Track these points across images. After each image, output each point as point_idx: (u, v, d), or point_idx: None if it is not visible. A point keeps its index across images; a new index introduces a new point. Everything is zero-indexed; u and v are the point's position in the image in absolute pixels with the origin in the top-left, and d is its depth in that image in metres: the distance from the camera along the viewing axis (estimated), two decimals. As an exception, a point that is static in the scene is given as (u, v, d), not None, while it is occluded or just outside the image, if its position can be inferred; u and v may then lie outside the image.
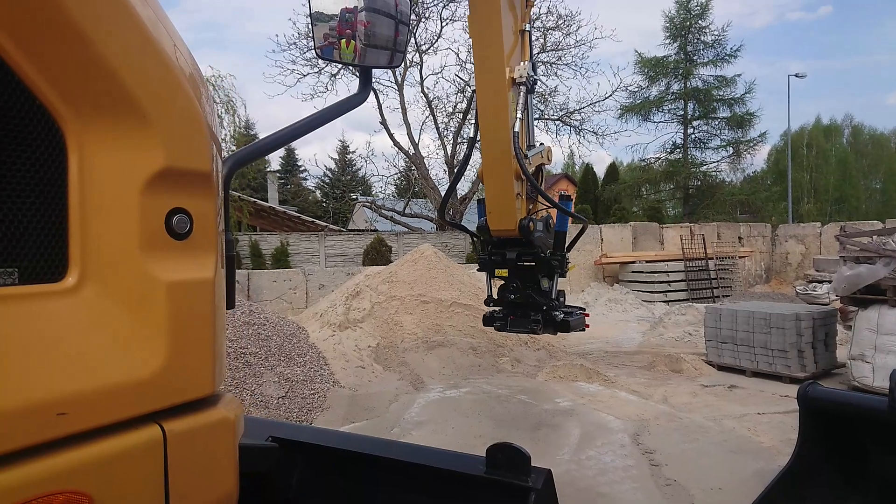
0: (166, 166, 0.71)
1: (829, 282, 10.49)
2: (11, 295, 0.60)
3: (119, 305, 0.68)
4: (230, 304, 0.98)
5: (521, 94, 4.31)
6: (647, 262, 15.99)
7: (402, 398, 6.24)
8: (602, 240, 17.02)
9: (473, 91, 4.51)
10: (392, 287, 9.51)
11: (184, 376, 0.75)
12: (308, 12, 1.38)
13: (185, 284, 0.74)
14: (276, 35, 25.63)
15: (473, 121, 4.52)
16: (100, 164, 0.67)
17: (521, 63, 4.32)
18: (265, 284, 13.30)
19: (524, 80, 4.31)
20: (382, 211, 21.56)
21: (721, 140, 27.23)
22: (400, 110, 20.18)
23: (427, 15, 19.22)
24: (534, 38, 4.70)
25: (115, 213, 0.68)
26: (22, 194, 0.62)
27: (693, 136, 27.46)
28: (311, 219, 23.71)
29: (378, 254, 16.60)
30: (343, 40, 1.41)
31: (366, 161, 42.65)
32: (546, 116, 21.03)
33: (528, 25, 4.41)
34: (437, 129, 20.80)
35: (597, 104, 21.03)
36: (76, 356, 0.64)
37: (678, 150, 27.68)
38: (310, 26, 1.36)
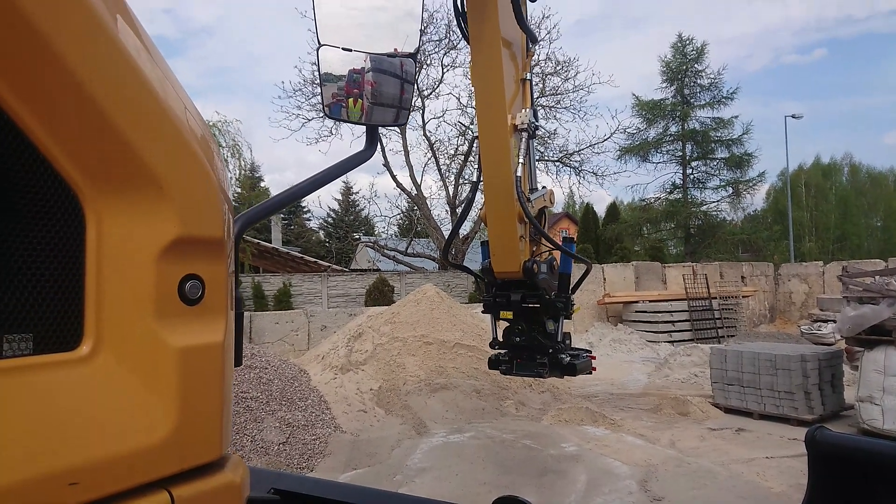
0: (180, 235, 0.73)
1: (834, 321, 10.41)
2: (27, 365, 0.62)
3: (131, 373, 0.69)
4: (237, 361, 0.99)
5: (523, 139, 4.40)
6: (650, 301, 15.93)
7: (404, 443, 6.14)
8: (605, 279, 17.01)
9: (475, 137, 4.59)
10: (394, 328, 9.48)
11: (193, 441, 0.75)
12: (317, 72, 1.44)
13: (195, 349, 0.75)
14: (283, 82, 26.26)
15: (476, 165, 4.60)
16: (116, 234, 0.69)
17: (523, 110, 4.41)
18: (267, 326, 13.25)
19: (525, 126, 4.39)
20: (385, 251, 21.64)
21: (720, 180, 27.50)
22: (403, 153, 20.51)
23: (429, 62, 19.72)
24: (534, 82, 4.82)
25: (129, 282, 0.69)
26: (41, 264, 0.64)
27: (692, 176, 27.74)
28: (314, 259, 23.79)
29: (381, 294, 16.59)
30: (350, 99, 1.46)
31: (369, 202, 43.13)
32: (546, 158, 21.32)
33: (528, 74, 4.52)
34: (440, 170, 21.08)
35: (596, 146, 21.37)
36: (88, 424, 0.64)
37: (678, 189, 27.92)
38: (319, 86, 1.42)
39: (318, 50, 1.38)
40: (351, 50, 1.39)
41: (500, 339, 4.64)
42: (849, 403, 7.28)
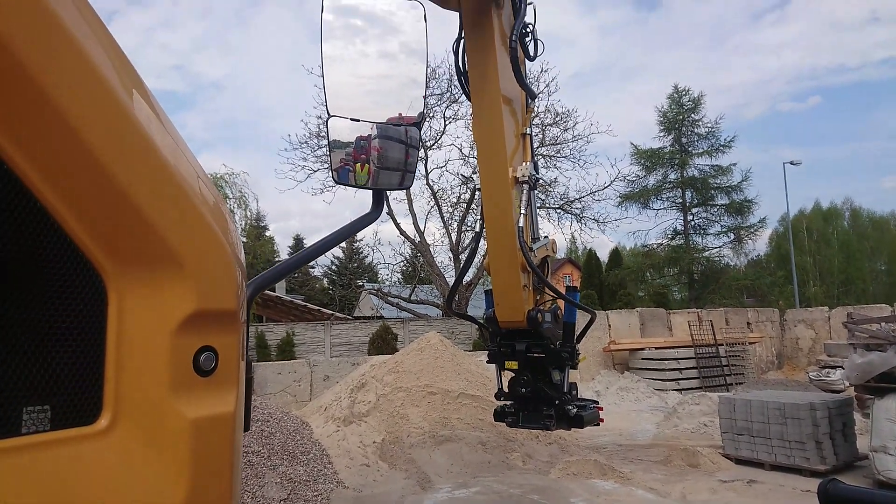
0: (197, 308, 0.76)
1: (842, 367, 10.30)
2: (48, 441, 0.64)
3: (147, 445, 0.71)
4: (246, 426, 1.00)
5: (524, 191, 4.49)
6: (656, 348, 15.78)
7: (408, 499, 6.00)
8: (609, 326, 16.90)
9: (477, 188, 4.69)
10: (398, 377, 9.38)
11: None
12: (326, 140, 1.50)
13: (208, 420, 0.77)
14: (289, 135, 26.83)
15: (479, 215, 4.68)
16: (136, 310, 0.72)
17: (524, 163, 4.52)
18: (270, 377, 13.13)
19: (526, 178, 4.49)
20: (388, 298, 21.61)
21: (721, 226, 27.62)
22: (406, 201, 20.75)
23: (431, 114, 20.20)
24: (534, 133, 4.96)
25: (147, 356, 0.72)
26: (65, 340, 0.67)
27: (693, 222, 27.89)
28: (318, 307, 23.76)
29: (384, 342, 16.48)
30: (358, 164, 1.53)
31: (373, 249, 43.27)
32: (547, 205, 21.53)
33: (528, 128, 4.66)
34: (443, 218, 21.26)
35: (596, 193, 21.59)
36: (105, 497, 0.67)
37: (679, 236, 28.03)
38: (328, 151, 1.49)
39: (327, 120, 1.45)
40: (358, 120, 1.46)
41: (506, 390, 4.61)
42: (862, 453, 7.11)
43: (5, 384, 0.63)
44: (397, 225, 20.85)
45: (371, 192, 1.51)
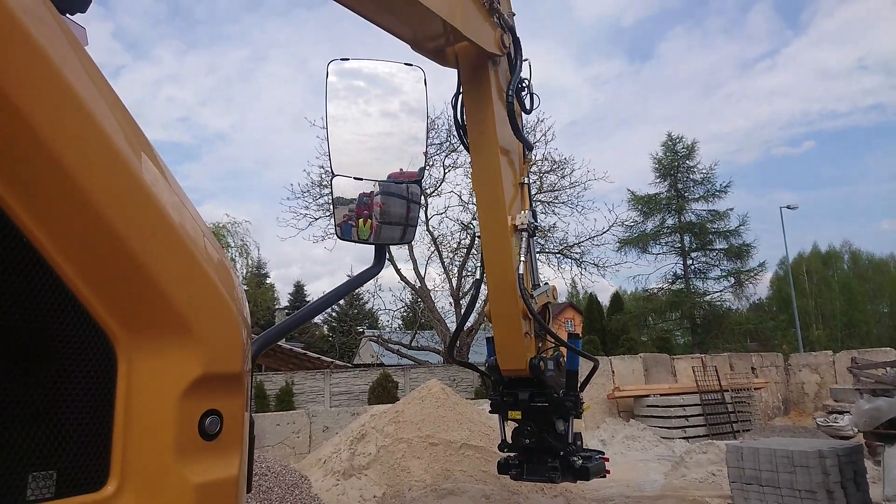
0: (204, 372, 0.77)
1: (850, 413, 10.13)
2: None
3: None
4: (249, 487, 0.99)
5: (524, 238, 4.53)
6: (661, 395, 15.54)
7: (410, 555, 5.80)
8: (613, 372, 16.69)
9: (477, 235, 4.73)
10: (399, 428, 9.21)
11: None
12: (330, 198, 1.55)
13: (212, 485, 0.77)
14: (291, 184, 27.17)
15: (480, 264, 4.71)
16: (145, 375, 0.72)
17: (522, 212, 4.58)
18: (268, 428, 12.89)
19: (525, 226, 4.54)
20: (389, 344, 21.43)
21: (721, 270, 27.64)
22: (406, 247, 20.85)
23: (431, 163, 20.55)
24: (531, 180, 5.03)
25: (154, 421, 0.72)
26: (76, 406, 0.68)
27: (693, 266, 27.93)
28: (317, 355, 23.51)
29: (384, 390, 16.25)
30: (360, 220, 1.57)
31: (373, 295, 43.09)
32: (547, 250, 21.63)
33: (526, 178, 4.74)
34: (443, 263, 21.32)
35: (595, 238, 21.73)
36: None
37: (680, 280, 28.01)
38: (331, 209, 1.52)
39: (331, 179, 1.50)
40: (361, 179, 1.51)
41: (509, 441, 4.53)
42: (876, 502, 6.92)
43: (13, 448, 0.63)
44: (398, 271, 20.90)
45: (373, 246, 1.55)
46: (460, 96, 4.65)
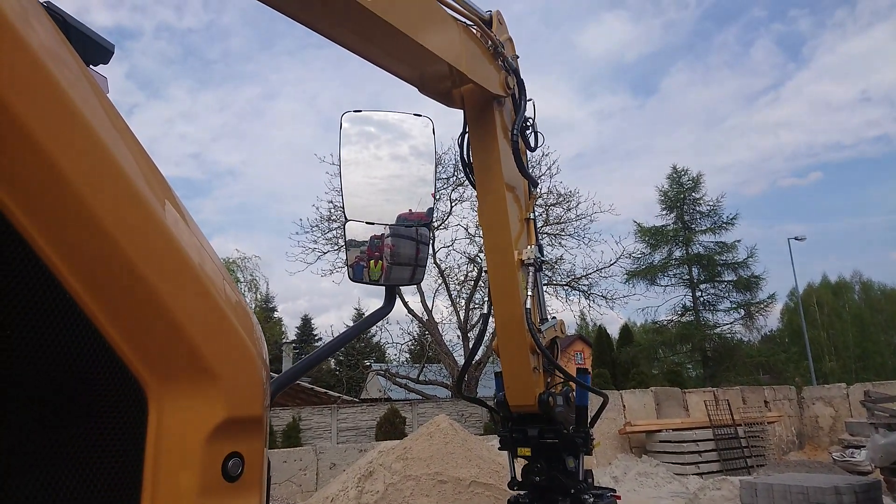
0: (227, 417, 0.79)
1: (866, 447, 9.92)
2: None
3: None
4: None
5: (531, 273, 4.57)
6: (673, 430, 15.30)
7: None
8: (624, 407, 16.47)
9: (484, 270, 4.77)
10: (407, 465, 9.10)
11: None
12: (343, 241, 1.61)
13: None
14: (300, 219, 27.42)
15: (487, 298, 4.75)
16: (173, 420, 0.75)
17: (528, 247, 4.64)
18: (275, 465, 12.74)
19: (532, 261, 4.59)
20: (396, 378, 21.28)
21: (731, 302, 27.45)
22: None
23: (438, 197, 20.75)
24: (537, 213, 5.09)
25: (181, 465, 0.75)
26: (111, 451, 0.71)
27: (702, 298, 27.76)
28: (324, 389, 23.35)
29: (392, 426, 16.09)
30: (371, 261, 1.63)
31: (380, 329, 42.94)
32: (555, 282, 21.60)
33: (532, 214, 4.81)
34: (450, 296, 21.30)
35: (602, 270, 21.71)
36: None
37: (689, 312, 27.81)
38: (345, 252, 1.58)
39: (344, 224, 1.57)
40: (373, 223, 1.58)
41: (519, 479, 4.48)
42: (897, 542, 6.75)
43: (48, 494, 0.65)
44: (405, 303, 20.88)
45: (384, 287, 1.60)
46: (466, 136, 4.76)
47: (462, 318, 21.01)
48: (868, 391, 7.34)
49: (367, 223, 1.58)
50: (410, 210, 1.81)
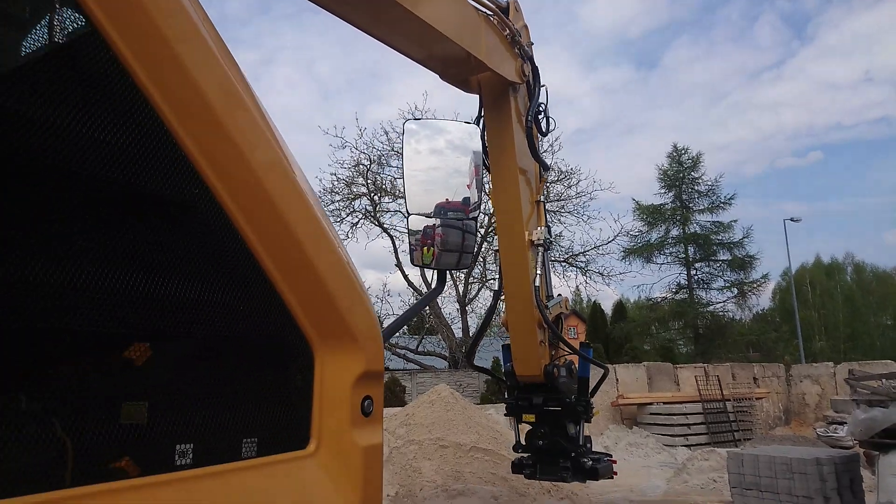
0: (365, 370, 1.08)
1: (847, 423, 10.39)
2: (284, 459, 0.97)
3: (338, 464, 1.04)
4: None
5: (540, 253, 4.86)
6: (664, 403, 15.82)
7: (425, 550, 6.10)
8: (617, 380, 16.96)
9: (495, 250, 5.04)
10: (409, 430, 9.52)
11: None
12: (407, 232, 1.89)
13: (370, 448, 1.10)
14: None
15: (498, 276, 5.04)
16: (330, 371, 1.04)
17: (538, 228, 4.91)
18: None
19: (541, 241, 4.87)
20: (396, 349, 21.75)
21: (724, 281, 27.87)
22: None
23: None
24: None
25: (336, 403, 1.04)
26: (295, 392, 1.01)
27: (696, 277, 28.17)
28: (324, 359, 23.77)
29: (392, 394, 16.56)
30: (424, 248, 1.90)
31: (381, 300, 43.38)
32: (553, 258, 21.92)
33: (542, 196, 5.07)
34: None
35: (600, 248, 22.03)
36: (314, 499, 0.99)
37: (683, 290, 28.25)
38: (408, 239, 1.86)
39: (408, 217, 1.83)
40: (429, 215, 1.84)
41: (524, 443, 4.85)
42: (871, 510, 7.19)
43: (280, 421, 0.95)
44: (405, 276, 21.24)
45: (435, 271, 1.88)
46: (482, 120, 4.98)
47: (461, 291, 21.37)
48: (852, 370, 7.74)
49: (425, 216, 1.84)
50: (448, 199, 2.07)
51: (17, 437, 0.68)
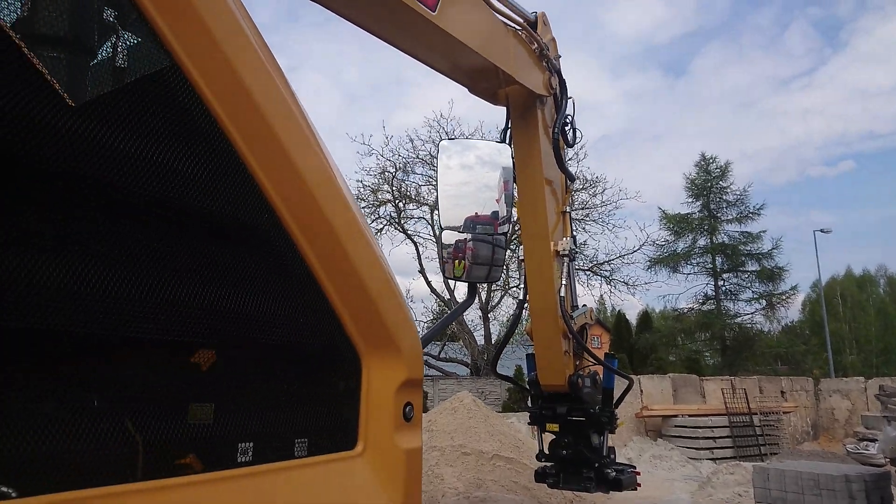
0: (406, 378, 1.16)
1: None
2: (338, 458, 1.06)
3: (383, 465, 1.12)
4: None
5: (565, 263, 4.89)
6: (689, 415, 15.61)
7: (447, 556, 6.14)
8: (642, 391, 16.78)
9: (521, 259, 5.12)
10: (432, 437, 9.57)
11: None
12: (438, 246, 1.97)
13: (411, 451, 1.17)
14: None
15: (523, 285, 5.10)
16: (375, 377, 1.12)
17: (564, 238, 4.95)
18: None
19: (567, 252, 4.90)
20: (417, 357, 21.83)
21: (752, 292, 27.33)
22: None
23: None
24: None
25: (382, 408, 1.12)
26: (346, 396, 1.09)
27: (724, 288, 27.69)
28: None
29: (414, 401, 16.65)
30: (456, 261, 1.98)
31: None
32: (577, 267, 21.81)
33: (568, 207, 5.11)
34: (473, 277, 21.61)
35: (625, 257, 21.85)
36: (360, 497, 1.07)
37: (710, 301, 27.80)
38: (439, 252, 1.95)
39: (440, 232, 1.92)
40: (460, 230, 1.92)
41: (547, 452, 4.87)
42: (903, 530, 7.03)
43: (328, 424, 1.03)
44: (428, 282, 21.34)
45: (467, 284, 1.96)
46: (509, 131, 5.04)
47: (483, 298, 21.39)
48: (883, 385, 7.54)
49: (458, 231, 1.92)
50: (477, 213, 2.14)
51: (93, 434, 0.75)
